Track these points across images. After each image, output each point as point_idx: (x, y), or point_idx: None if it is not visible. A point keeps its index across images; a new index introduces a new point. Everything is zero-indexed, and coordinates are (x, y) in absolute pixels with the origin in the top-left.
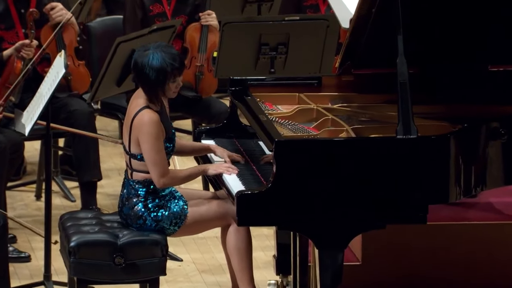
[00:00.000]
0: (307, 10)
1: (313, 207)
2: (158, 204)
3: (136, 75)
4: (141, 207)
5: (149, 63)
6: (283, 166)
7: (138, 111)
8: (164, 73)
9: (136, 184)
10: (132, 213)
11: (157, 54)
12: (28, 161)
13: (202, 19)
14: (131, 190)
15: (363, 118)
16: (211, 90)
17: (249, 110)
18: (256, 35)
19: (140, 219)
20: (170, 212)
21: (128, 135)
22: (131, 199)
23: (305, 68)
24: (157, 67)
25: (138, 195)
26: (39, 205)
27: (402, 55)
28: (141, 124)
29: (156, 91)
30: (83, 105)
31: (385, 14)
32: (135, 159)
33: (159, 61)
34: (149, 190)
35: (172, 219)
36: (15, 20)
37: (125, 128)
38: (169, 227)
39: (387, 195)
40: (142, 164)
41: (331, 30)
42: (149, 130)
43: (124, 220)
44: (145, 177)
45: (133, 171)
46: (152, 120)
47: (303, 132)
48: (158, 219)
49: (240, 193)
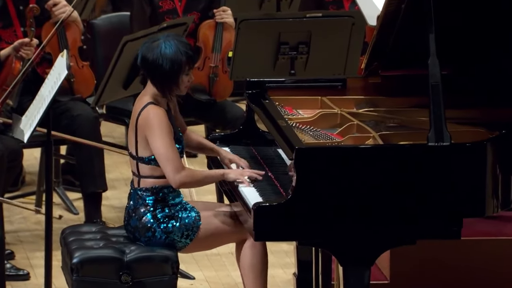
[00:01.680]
0: (330, 7)
1: (336, 220)
2: (168, 214)
3: (147, 70)
4: (150, 218)
5: (161, 52)
6: (304, 175)
7: (142, 108)
8: (179, 62)
9: (143, 192)
10: (140, 225)
11: (170, 42)
12: (27, 170)
13: (217, 16)
14: (138, 200)
15: (391, 124)
16: (226, 93)
17: (267, 115)
18: (275, 33)
19: (149, 231)
20: (182, 223)
21: (135, 137)
22: (138, 210)
23: (328, 69)
24: (172, 56)
25: (146, 204)
26: (39, 218)
27: (434, 55)
28: (147, 121)
29: (170, 84)
30: (87, 109)
31: (416, 10)
32: (143, 163)
33: (172, 49)
34: (158, 198)
35: (184, 231)
36: (13, 17)
37: (130, 131)
38: (180, 239)
39: (418, 207)
40: (151, 168)
41: (357, 27)
42: (157, 124)
43: (131, 233)
44: (154, 183)
45: (140, 178)
46: (158, 114)
47: (326, 139)
48: (169, 231)
49: (257, 205)
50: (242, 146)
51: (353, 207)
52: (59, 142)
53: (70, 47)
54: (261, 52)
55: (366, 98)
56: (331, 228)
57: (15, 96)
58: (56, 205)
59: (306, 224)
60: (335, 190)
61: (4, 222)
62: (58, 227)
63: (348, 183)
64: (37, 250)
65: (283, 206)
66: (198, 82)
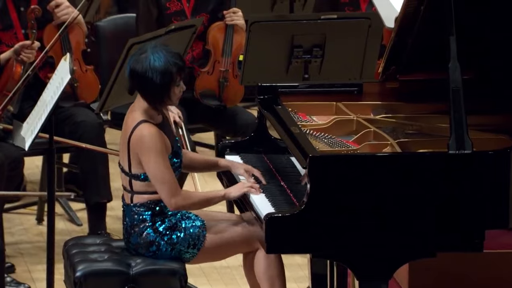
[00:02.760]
0: (346, 8)
1: (352, 232)
2: (169, 226)
3: (136, 83)
4: (151, 232)
5: (151, 65)
6: (318, 185)
7: (135, 127)
8: (170, 74)
9: (138, 208)
10: (142, 241)
11: (158, 53)
12: (28, 179)
13: (227, 18)
14: (134, 216)
15: (410, 131)
16: (236, 99)
17: (280, 121)
18: (288, 36)
19: (153, 245)
20: (187, 233)
21: (127, 154)
22: (137, 226)
23: (343, 73)
24: (162, 68)
25: (144, 219)
26: (41, 230)
27: (455, 59)
28: (140, 141)
29: (161, 97)
30: (91, 115)
31: (436, 11)
32: (138, 180)
33: (162, 61)
34: (155, 212)
35: (190, 241)
36: (14, 19)
37: (122, 145)
38: (187, 250)
39: (438, 218)
40: (145, 185)
41: (373, 30)
42: (151, 145)
43: (134, 250)
44: (148, 198)
45: (133, 194)
46: (152, 134)
47: (341, 147)
48: (174, 242)
49: (269, 216)
50: (253, 154)
51: (369, 218)
52: (61, 150)
53: (74, 51)
54: (273, 55)
55: (384, 103)
56: (347, 240)
57: (16, 101)
58: (59, 216)
59: (320, 236)
60: (351, 200)
61: (4, 233)
62: (61, 239)
63: (365, 193)
64: (39, 263)
65: (296, 217)
66: (207, 87)
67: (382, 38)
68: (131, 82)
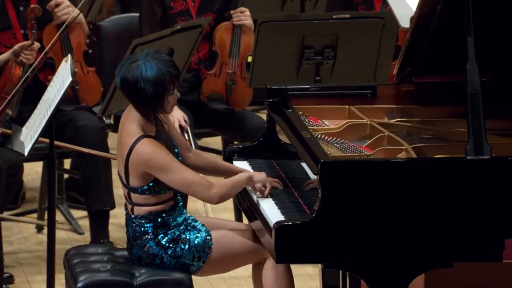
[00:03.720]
0: (359, 7)
1: (366, 241)
2: (173, 238)
3: (127, 93)
4: (153, 245)
5: (142, 75)
6: (330, 192)
7: (134, 143)
8: (163, 83)
9: (139, 220)
10: (145, 254)
11: (150, 63)
12: (28, 186)
13: (234, 18)
14: (136, 228)
15: (426, 135)
16: (245, 102)
17: (290, 125)
18: (299, 36)
19: (156, 258)
20: (191, 245)
21: (124, 166)
22: (139, 238)
23: (356, 75)
24: (154, 78)
25: (146, 232)
26: (41, 239)
27: (472, 60)
28: (144, 160)
29: (154, 108)
30: (93, 119)
31: (453, 10)
32: (136, 193)
33: (154, 71)
34: (157, 224)
35: (195, 253)
36: (13, 19)
37: (119, 157)
38: (192, 262)
39: (455, 227)
40: (144, 198)
41: (388, 30)
42: (159, 159)
43: (137, 262)
44: (148, 210)
45: (134, 205)
46: (155, 151)
47: (354, 152)
48: (178, 255)
49: (279, 224)
50: (262, 160)
51: (383, 227)
52: (63, 155)
53: (75, 52)
54: (283, 57)
55: (398, 107)
56: (360, 249)
57: (15, 105)
58: (60, 224)
59: (332, 245)
60: (364, 207)
61: (3, 243)
62: (62, 248)
63: (378, 200)
64: (39, 273)
65: (307, 225)
66: (214, 90)
67: (397, 39)
68: (122, 91)
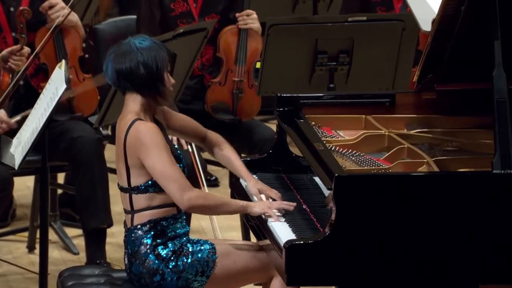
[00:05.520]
0: (377, 8)
1: (384, 262)
2: (174, 250)
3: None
4: (153, 259)
5: (137, 46)
6: (346, 208)
7: (129, 127)
8: (160, 52)
9: (138, 230)
10: (145, 270)
11: (141, 37)
12: (18, 202)
13: (240, 21)
14: (135, 241)
15: (448, 148)
16: (252, 112)
17: (302, 136)
18: (311, 40)
19: (156, 274)
20: (194, 258)
21: (125, 165)
22: (138, 253)
23: (373, 82)
24: (150, 46)
25: (145, 243)
26: (32, 259)
27: (500, 66)
28: (138, 139)
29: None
30: (89, 130)
31: (478, 12)
32: (139, 192)
33: (148, 42)
34: (157, 233)
35: (198, 267)
36: (2, 21)
37: (118, 161)
38: (195, 277)
39: (480, 246)
40: (148, 197)
41: (408, 33)
42: (150, 141)
43: (137, 282)
44: (150, 215)
45: (134, 213)
46: (149, 129)
47: (371, 165)
48: (180, 270)
49: (290, 243)
50: (271, 174)
51: (403, 246)
52: (56, 169)
53: (69, 57)
54: (294, 62)
55: (419, 117)
56: (377, 271)
57: None
58: (53, 244)
59: (347, 267)
60: (382, 225)
61: None
62: (55, 269)
63: (397, 217)
64: None
65: (321, 245)
66: (219, 99)
67: (418, 43)
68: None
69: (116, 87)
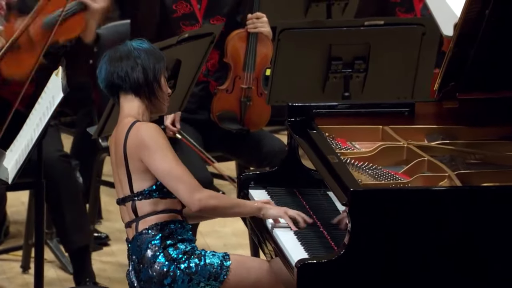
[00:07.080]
0: (397, 9)
1: (402, 281)
2: (185, 251)
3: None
4: (164, 261)
5: (135, 47)
6: (361, 225)
7: (128, 130)
8: (156, 53)
9: (144, 235)
10: (155, 273)
11: (139, 40)
12: (12, 219)
13: (249, 25)
14: (142, 246)
15: (471, 160)
16: (262, 122)
17: (315, 148)
18: (325, 46)
19: (167, 277)
20: (207, 262)
21: (126, 172)
22: (145, 258)
23: (391, 91)
24: (147, 48)
25: (153, 246)
26: (27, 280)
27: None
28: (139, 140)
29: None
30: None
31: (503, 16)
32: (143, 198)
33: (146, 44)
34: (165, 234)
35: (211, 271)
36: None
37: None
38: (208, 282)
39: (506, 265)
40: (152, 203)
41: (428, 38)
42: (153, 141)
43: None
44: (156, 220)
45: (139, 220)
46: (150, 129)
47: (388, 179)
48: (192, 272)
49: (302, 263)
50: (282, 188)
51: (423, 265)
52: None
53: None
54: (306, 69)
55: (440, 127)
56: None
57: None
58: (48, 263)
59: (363, 286)
60: (400, 244)
61: None
62: None
63: (417, 234)
64: None
65: (335, 264)
66: (226, 108)
67: (442, 43)
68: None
69: (109, 89)
